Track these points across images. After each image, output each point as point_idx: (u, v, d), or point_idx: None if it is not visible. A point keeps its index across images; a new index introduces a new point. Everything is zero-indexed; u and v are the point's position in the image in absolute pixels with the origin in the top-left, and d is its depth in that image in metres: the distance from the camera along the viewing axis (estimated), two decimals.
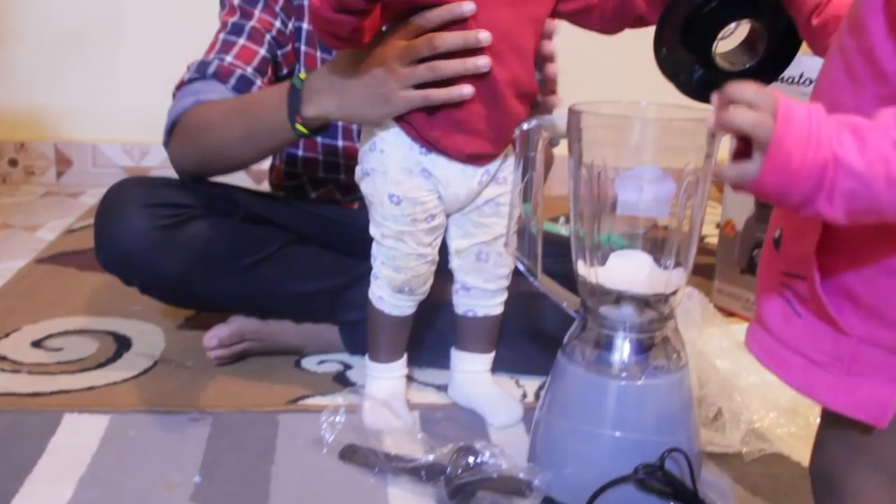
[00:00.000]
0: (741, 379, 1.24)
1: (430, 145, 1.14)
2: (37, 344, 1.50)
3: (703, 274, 1.85)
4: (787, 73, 1.47)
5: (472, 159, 1.15)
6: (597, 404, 1.02)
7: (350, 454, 1.15)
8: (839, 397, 0.71)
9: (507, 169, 1.19)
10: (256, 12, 1.46)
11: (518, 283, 1.26)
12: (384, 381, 1.30)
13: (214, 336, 1.39)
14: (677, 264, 1.02)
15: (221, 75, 1.41)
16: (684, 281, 1.04)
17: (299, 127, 1.19)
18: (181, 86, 1.44)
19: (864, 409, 0.70)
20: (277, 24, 1.47)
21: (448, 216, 1.22)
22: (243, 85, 1.41)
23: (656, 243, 1.03)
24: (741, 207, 1.67)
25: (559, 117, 1.05)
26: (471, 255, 1.24)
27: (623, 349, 1.03)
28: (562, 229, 2.00)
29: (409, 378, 1.35)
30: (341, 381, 1.40)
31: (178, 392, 1.34)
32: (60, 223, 2.21)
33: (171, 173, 1.44)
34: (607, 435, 1.01)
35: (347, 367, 1.44)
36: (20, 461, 1.13)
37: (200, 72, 1.42)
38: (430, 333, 1.40)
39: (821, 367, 0.72)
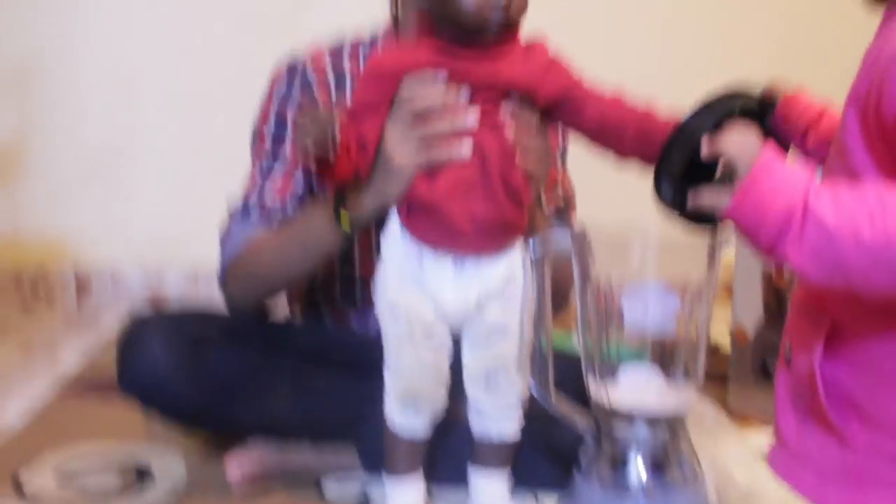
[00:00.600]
0: (763, 491, 1.24)
1: (419, 242, 1.18)
2: (59, 475, 1.51)
3: (717, 379, 1.87)
4: None
5: (458, 256, 1.18)
6: None
7: None
8: None
9: (511, 289, 1.20)
10: (287, 148, 1.50)
11: (535, 399, 1.28)
12: (399, 497, 1.31)
13: (237, 465, 1.42)
14: (686, 376, 1.05)
15: (264, 220, 1.47)
16: (695, 396, 1.06)
17: (343, 219, 1.23)
18: (227, 232, 1.50)
19: None
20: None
21: (457, 337, 1.24)
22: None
23: (665, 355, 1.06)
24: (750, 312, 1.69)
25: (563, 235, 1.09)
26: (480, 376, 1.26)
27: (637, 468, 1.05)
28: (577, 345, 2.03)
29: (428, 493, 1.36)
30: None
31: None
32: (81, 350, 2.27)
33: (188, 298, 1.50)
34: None
35: (367, 488, 1.45)
36: None
37: (245, 220, 1.48)
38: (446, 453, 1.40)
39: (831, 480, 0.74)
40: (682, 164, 1.00)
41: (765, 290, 1.63)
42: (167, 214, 2.69)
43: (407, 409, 1.26)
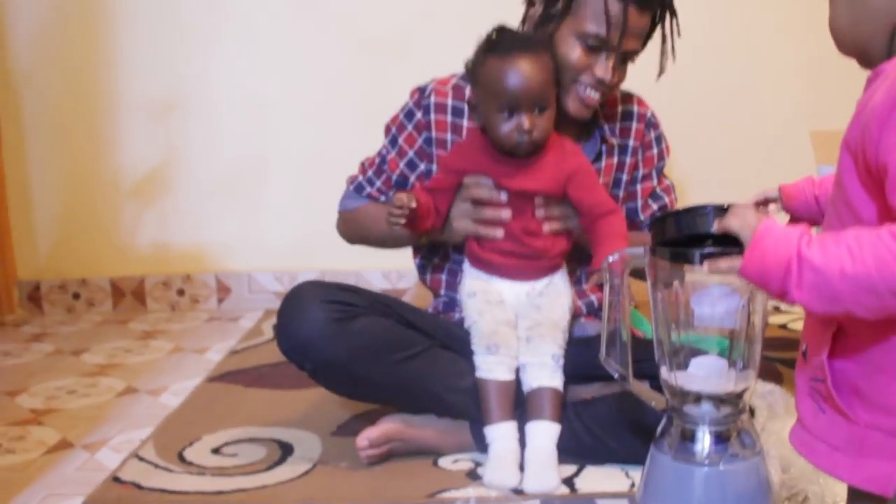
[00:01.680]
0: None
1: (478, 266, 1.72)
2: (215, 451, 1.77)
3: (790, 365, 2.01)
4: None
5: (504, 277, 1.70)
6: (684, 489, 1.20)
7: None
8: (855, 475, 0.90)
9: (550, 288, 1.70)
10: (394, 152, 1.83)
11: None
12: (497, 444, 1.59)
13: (365, 438, 1.63)
14: (746, 365, 1.21)
15: (371, 197, 1.89)
16: (753, 379, 1.22)
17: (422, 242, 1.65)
18: (352, 182, 1.92)
19: (873, 483, 0.89)
20: (402, 166, 1.83)
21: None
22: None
23: (729, 345, 1.22)
24: None
25: (639, 252, 1.27)
26: (524, 334, 1.66)
27: (704, 440, 1.21)
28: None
29: None
30: (473, 476, 1.61)
31: (335, 488, 1.58)
32: (224, 345, 2.52)
33: None
34: None
35: (478, 464, 1.64)
36: None
37: (360, 190, 1.90)
38: None
39: (840, 451, 0.92)
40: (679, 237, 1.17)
41: None
42: (296, 225, 2.92)
43: (489, 355, 1.62)
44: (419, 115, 1.78)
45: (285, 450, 1.76)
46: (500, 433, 1.60)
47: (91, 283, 2.98)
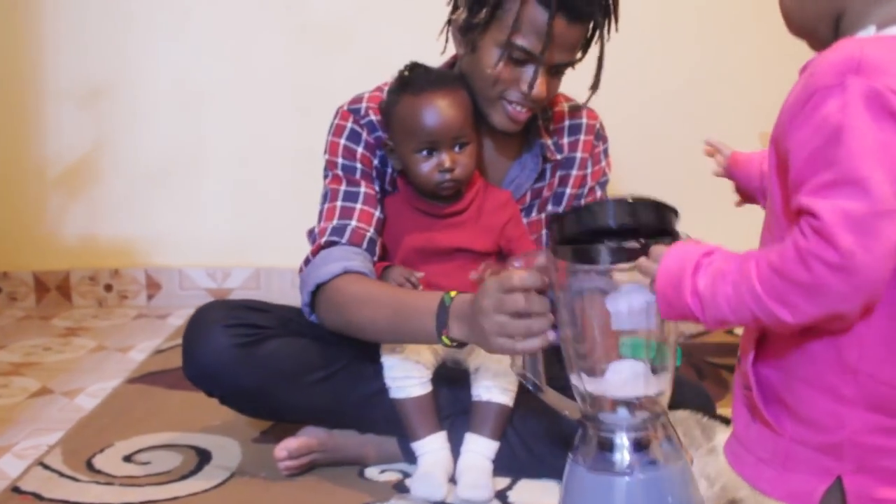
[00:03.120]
0: None
1: None
2: (127, 458, 1.66)
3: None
4: None
5: None
6: (604, 500, 1.12)
7: None
8: (776, 488, 0.86)
9: None
10: (360, 179, 1.60)
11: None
12: (427, 457, 1.50)
13: (284, 448, 1.54)
14: (664, 367, 1.14)
15: (355, 239, 1.54)
16: (670, 381, 1.15)
17: (445, 339, 1.36)
18: (318, 249, 1.54)
19: (795, 498, 0.84)
20: (377, 187, 1.62)
21: None
22: (371, 247, 1.55)
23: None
24: None
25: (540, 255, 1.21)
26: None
27: (623, 449, 1.13)
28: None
29: None
30: (400, 489, 1.52)
31: (252, 501, 1.48)
32: (150, 344, 2.40)
33: (248, 295, 1.62)
34: None
35: (406, 475, 1.55)
36: None
37: (339, 234, 1.53)
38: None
39: (765, 463, 0.86)
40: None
41: None
42: (231, 219, 2.80)
43: (396, 369, 1.52)
44: (364, 134, 1.61)
45: (203, 457, 1.65)
46: (429, 447, 1.52)
47: (13, 276, 2.83)
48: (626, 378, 1.12)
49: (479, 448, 1.49)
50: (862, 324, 0.79)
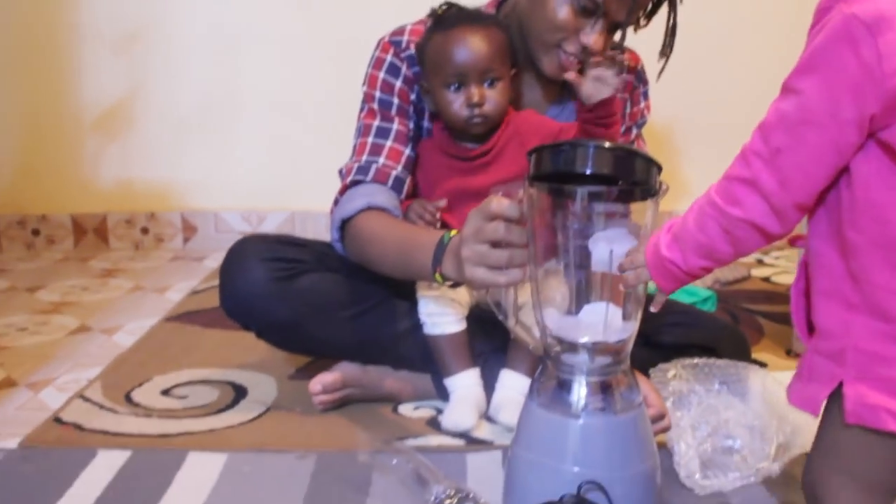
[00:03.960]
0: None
1: None
2: (165, 392, 1.68)
3: (772, 319, 1.98)
4: None
5: None
6: (556, 441, 1.12)
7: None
8: (796, 396, 0.89)
9: None
10: (394, 115, 1.59)
11: None
12: (459, 391, 1.52)
13: (319, 383, 1.55)
14: (632, 314, 1.14)
15: (380, 177, 1.54)
16: (636, 328, 1.15)
17: (437, 277, 1.34)
18: (345, 189, 1.55)
19: (806, 403, 0.87)
20: (411, 125, 1.60)
21: None
22: (398, 185, 1.54)
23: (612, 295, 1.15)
24: None
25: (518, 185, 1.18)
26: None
27: (580, 391, 1.13)
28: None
29: None
30: (433, 425, 1.53)
31: (287, 434, 1.49)
32: (187, 285, 2.43)
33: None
34: (563, 469, 1.10)
35: (440, 411, 1.56)
36: (151, 493, 1.30)
37: (364, 173, 1.54)
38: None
39: (797, 377, 0.88)
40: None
41: None
42: (266, 163, 2.81)
43: (432, 303, 1.52)
44: (404, 68, 1.59)
45: (239, 392, 1.67)
46: (462, 382, 1.53)
47: (51, 219, 2.87)
48: (597, 321, 1.12)
49: (515, 384, 1.49)
50: (854, 232, 0.82)
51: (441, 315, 1.53)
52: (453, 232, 1.34)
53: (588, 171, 1.05)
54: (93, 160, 2.85)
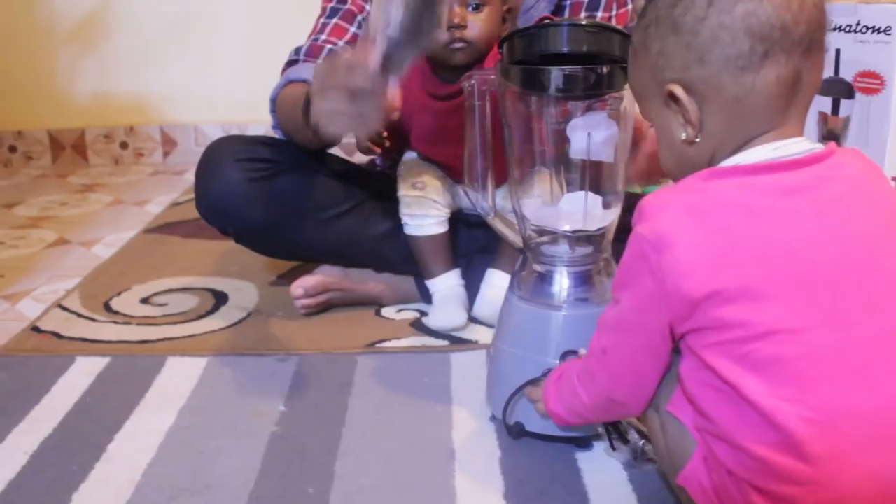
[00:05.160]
0: None
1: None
2: (144, 301, 1.65)
3: None
4: (843, 21, 1.52)
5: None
6: (538, 333, 1.10)
7: None
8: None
9: None
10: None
11: None
12: (441, 292, 1.49)
13: (300, 286, 1.52)
14: (611, 203, 1.12)
15: (313, 53, 1.51)
16: (616, 216, 1.13)
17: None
18: (284, 69, 1.55)
19: None
20: (368, 7, 1.55)
21: None
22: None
23: (599, 179, 1.13)
24: None
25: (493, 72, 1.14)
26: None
27: (562, 282, 1.11)
28: None
29: None
30: (417, 326, 1.50)
31: (268, 338, 1.47)
32: (167, 198, 2.38)
33: None
34: (546, 362, 1.09)
35: (424, 314, 1.54)
36: (130, 396, 1.28)
37: (297, 53, 1.54)
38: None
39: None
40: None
41: (819, 132, 1.64)
42: (246, 74, 2.73)
43: (415, 204, 1.48)
44: None
45: (219, 299, 1.65)
46: (444, 283, 1.51)
47: (27, 135, 2.81)
48: (578, 209, 1.09)
49: (502, 283, 1.46)
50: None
51: (423, 217, 1.50)
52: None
53: (564, 50, 1.01)
54: (68, 73, 2.77)
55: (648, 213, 0.80)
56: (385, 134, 1.46)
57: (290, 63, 1.54)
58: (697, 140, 0.82)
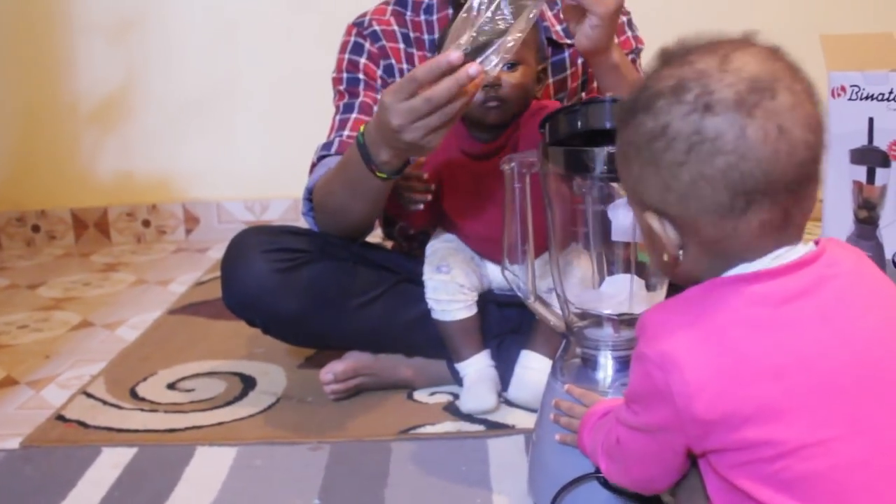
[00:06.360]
0: None
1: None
2: (171, 386, 1.62)
3: None
4: (876, 90, 1.51)
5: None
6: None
7: None
8: None
9: None
10: (361, 90, 1.57)
11: None
12: (472, 373, 1.47)
13: (330, 371, 1.49)
14: (658, 285, 1.08)
15: (342, 149, 1.50)
16: (661, 298, 1.09)
17: (379, 174, 1.28)
18: (313, 167, 1.54)
19: None
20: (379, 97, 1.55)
21: None
22: None
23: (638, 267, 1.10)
24: (840, 225, 1.67)
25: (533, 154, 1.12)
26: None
27: (606, 366, 1.08)
28: None
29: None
30: (451, 410, 1.46)
31: (299, 425, 1.43)
32: (190, 277, 2.37)
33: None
34: None
35: (457, 396, 1.50)
36: (159, 490, 1.24)
37: (327, 149, 1.54)
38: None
39: None
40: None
41: (855, 201, 1.61)
42: (268, 150, 2.75)
43: (440, 288, 1.46)
44: (367, 45, 1.58)
45: (247, 384, 1.61)
46: (473, 365, 1.48)
47: (51, 214, 2.81)
48: (621, 292, 1.06)
49: (536, 364, 1.43)
50: None
51: (450, 302, 1.47)
52: (362, 127, 1.28)
53: (608, 125, 0.99)
54: (91, 152, 2.78)
55: (651, 331, 0.77)
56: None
57: (322, 158, 1.54)
58: (680, 261, 0.78)
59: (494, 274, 1.51)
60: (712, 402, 0.72)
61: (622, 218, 1.05)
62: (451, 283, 1.46)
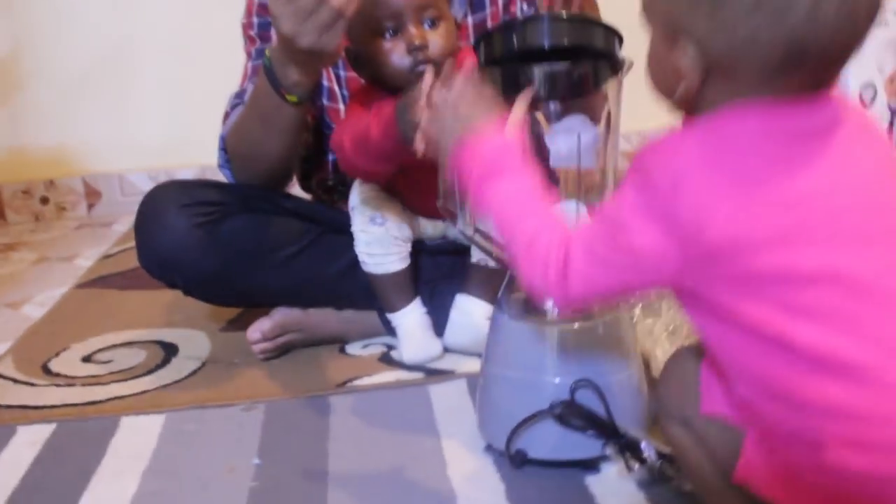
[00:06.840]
0: None
1: None
2: (87, 359, 1.53)
3: None
4: None
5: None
6: (531, 352, 1.04)
7: None
8: None
9: None
10: (273, 34, 1.47)
11: None
12: (405, 323, 1.41)
13: (257, 330, 1.42)
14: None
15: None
16: None
17: (290, 97, 1.25)
18: (226, 117, 1.48)
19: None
20: None
21: None
22: None
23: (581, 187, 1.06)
24: None
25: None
26: None
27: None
28: None
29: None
30: (387, 361, 1.42)
31: (229, 387, 1.36)
32: (96, 252, 2.25)
33: None
34: (543, 381, 1.03)
35: (391, 347, 1.45)
36: (84, 463, 1.16)
37: (240, 98, 1.47)
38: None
39: None
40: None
41: None
42: (171, 117, 2.63)
43: (374, 241, 1.38)
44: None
45: (168, 351, 1.53)
46: (408, 315, 1.42)
47: None
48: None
49: (473, 308, 1.39)
50: None
51: (384, 255, 1.40)
52: (268, 52, 1.26)
53: (546, 44, 0.95)
54: None
55: (658, 146, 0.73)
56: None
57: (235, 107, 1.47)
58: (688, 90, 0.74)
59: (426, 224, 1.45)
60: (724, 226, 0.69)
61: (560, 144, 1.01)
62: (385, 236, 1.40)
